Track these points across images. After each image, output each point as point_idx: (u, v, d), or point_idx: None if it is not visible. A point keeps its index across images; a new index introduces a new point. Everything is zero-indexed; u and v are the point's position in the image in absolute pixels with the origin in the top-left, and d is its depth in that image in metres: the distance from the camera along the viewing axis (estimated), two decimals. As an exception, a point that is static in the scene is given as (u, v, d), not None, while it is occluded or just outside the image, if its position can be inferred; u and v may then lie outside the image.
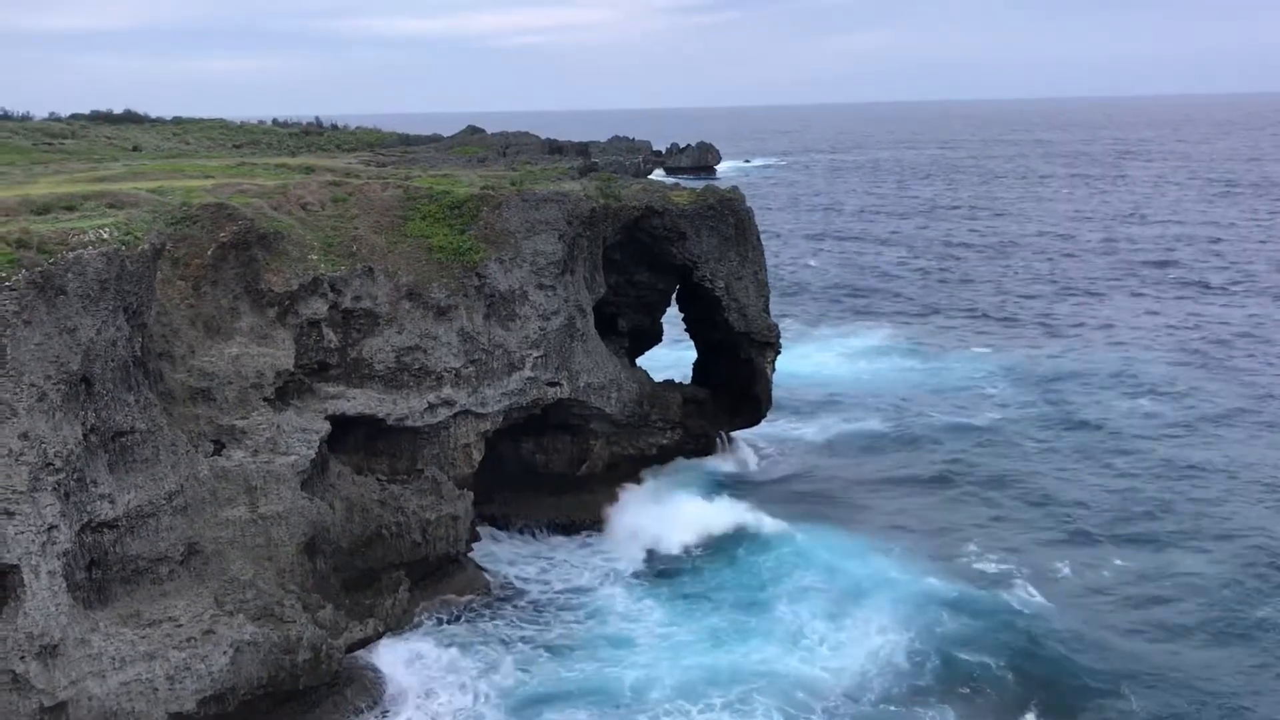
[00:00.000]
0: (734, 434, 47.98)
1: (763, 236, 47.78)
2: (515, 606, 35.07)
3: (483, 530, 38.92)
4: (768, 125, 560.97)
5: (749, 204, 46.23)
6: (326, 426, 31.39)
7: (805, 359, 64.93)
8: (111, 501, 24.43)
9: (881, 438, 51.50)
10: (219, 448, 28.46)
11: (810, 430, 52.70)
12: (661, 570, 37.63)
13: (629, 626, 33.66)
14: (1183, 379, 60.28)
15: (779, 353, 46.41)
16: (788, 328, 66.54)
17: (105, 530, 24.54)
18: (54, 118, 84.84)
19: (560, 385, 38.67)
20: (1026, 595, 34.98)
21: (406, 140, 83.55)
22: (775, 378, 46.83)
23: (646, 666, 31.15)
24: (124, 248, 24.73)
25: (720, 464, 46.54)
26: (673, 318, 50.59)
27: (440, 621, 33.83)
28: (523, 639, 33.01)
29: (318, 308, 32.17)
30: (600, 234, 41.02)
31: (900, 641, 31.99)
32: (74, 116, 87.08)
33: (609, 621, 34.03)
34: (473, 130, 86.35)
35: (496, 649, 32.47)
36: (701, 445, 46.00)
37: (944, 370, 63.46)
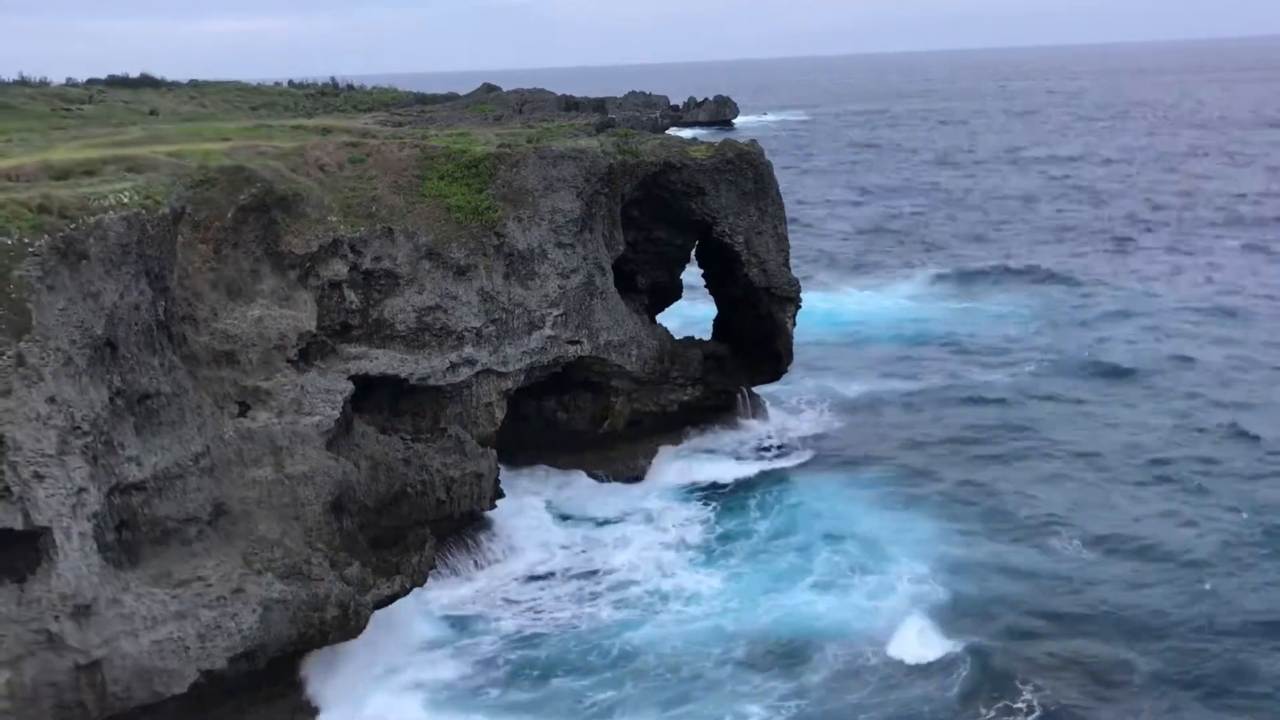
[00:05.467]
0: (756, 389, 48.00)
1: (783, 189, 47.51)
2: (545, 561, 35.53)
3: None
4: (786, 78, 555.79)
5: (768, 157, 45.93)
6: (350, 387, 31.56)
7: (832, 311, 64.83)
8: (139, 464, 24.68)
9: (912, 391, 51.39)
10: (244, 409, 28.67)
11: (836, 383, 52.67)
12: (684, 524, 37.89)
13: (646, 582, 34.01)
14: (1223, 329, 59.69)
15: (800, 307, 46.28)
16: (814, 280, 66.43)
17: (134, 492, 24.80)
18: (71, 83, 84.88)
19: (581, 343, 38.73)
20: (1060, 553, 34.86)
21: (422, 99, 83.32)
22: (803, 329, 46.68)
23: (668, 625, 31.47)
24: (144, 212, 24.81)
25: (742, 418, 46.68)
26: (693, 274, 50.52)
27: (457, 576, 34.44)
28: (544, 597, 33.47)
29: (338, 269, 32.25)
30: (618, 191, 40.84)
31: (924, 596, 32.12)
32: (91, 81, 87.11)
33: (637, 576, 34.39)
34: (488, 88, 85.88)
35: (518, 607, 32.99)
36: (723, 401, 46.05)
37: (978, 321, 63.19)
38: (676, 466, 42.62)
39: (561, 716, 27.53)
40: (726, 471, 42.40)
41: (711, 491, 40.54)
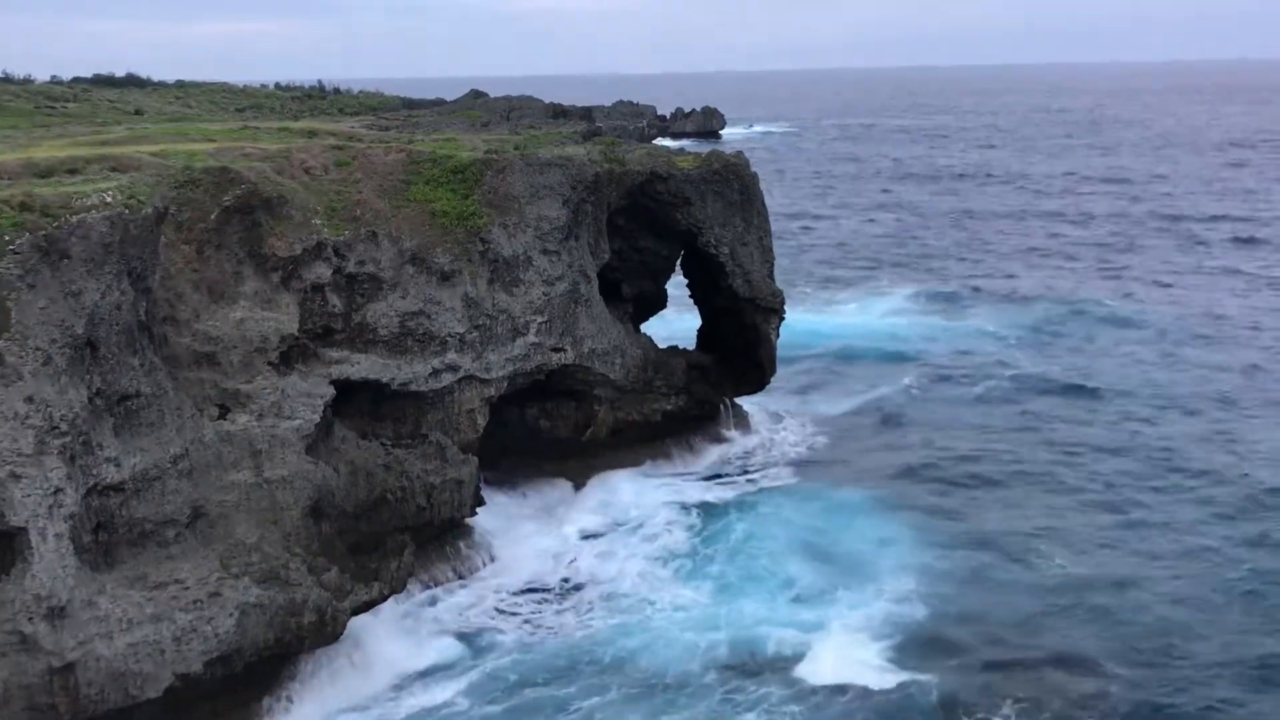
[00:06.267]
0: (739, 400, 48.03)
1: (769, 202, 47.63)
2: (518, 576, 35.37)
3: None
4: (773, 91, 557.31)
5: (754, 169, 46.06)
6: (331, 391, 31.43)
7: (817, 323, 64.99)
8: (117, 465, 24.51)
9: (892, 406, 51.44)
10: (224, 412, 28.51)
11: (817, 396, 52.82)
12: (667, 535, 37.81)
13: (632, 593, 33.94)
14: (1202, 351, 60.00)
15: (783, 319, 46.41)
16: (796, 294, 66.54)
17: (111, 493, 24.63)
18: (56, 81, 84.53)
19: (564, 351, 38.68)
20: (1040, 572, 34.86)
21: (409, 104, 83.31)
22: (785, 343, 46.71)
23: (652, 635, 31.41)
24: (127, 211, 24.66)
25: (725, 429, 46.68)
26: (677, 284, 50.56)
27: (438, 585, 34.26)
28: (527, 608, 33.40)
29: (321, 272, 32.11)
30: (604, 199, 40.86)
31: (906, 612, 32.15)
32: (76, 80, 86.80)
33: (621, 587, 34.31)
34: (476, 94, 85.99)
35: (499, 617, 32.88)
36: (706, 412, 46.07)
37: (958, 338, 63.33)
38: (659, 477, 42.55)
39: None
40: (709, 482, 42.37)
41: (694, 502, 40.42)
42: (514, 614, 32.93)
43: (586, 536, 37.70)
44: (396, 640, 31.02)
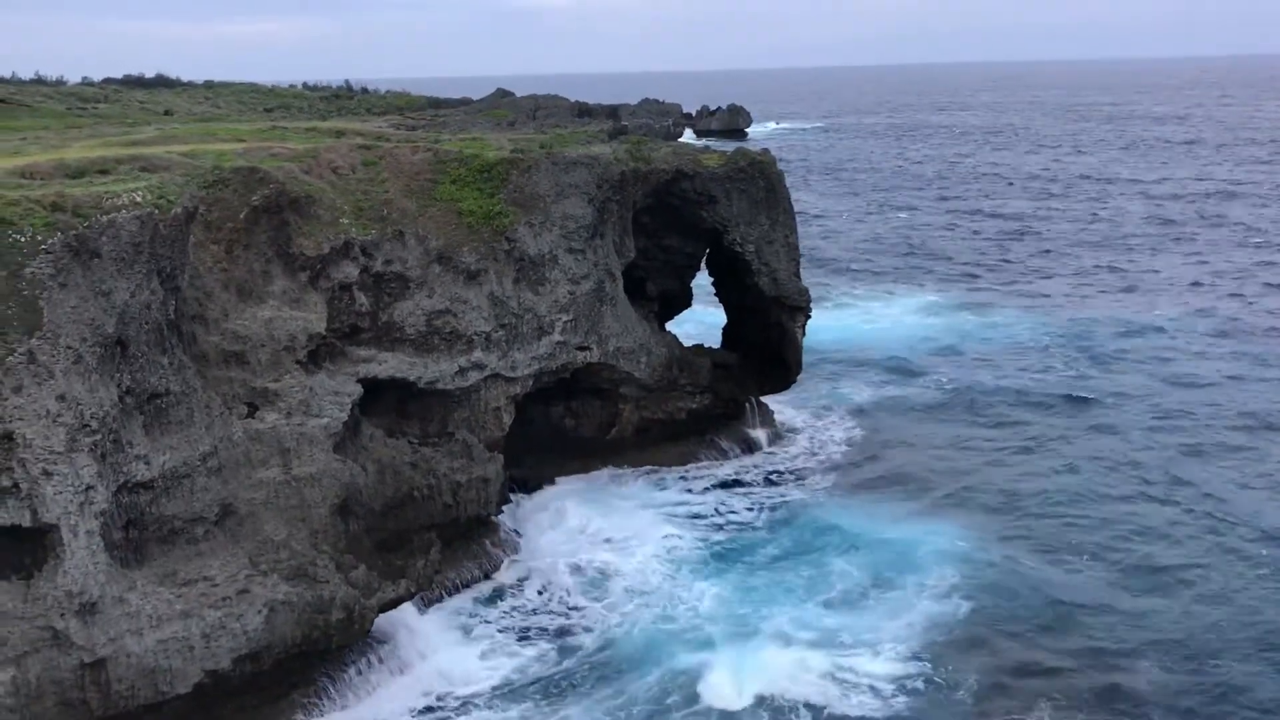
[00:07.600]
0: (765, 399, 47.89)
1: (795, 200, 47.45)
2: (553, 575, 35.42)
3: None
4: (799, 88, 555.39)
5: (780, 167, 45.92)
6: (358, 389, 31.58)
7: (844, 323, 64.73)
8: (147, 462, 24.71)
9: (918, 403, 51.18)
10: (252, 410, 28.69)
11: (844, 394, 52.56)
12: (692, 534, 37.75)
13: (658, 592, 33.88)
14: (1227, 350, 59.41)
15: (809, 317, 46.25)
16: (821, 291, 66.37)
17: (141, 491, 24.83)
18: (87, 82, 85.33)
19: (590, 349, 38.71)
20: (1079, 572, 34.53)
21: (436, 104, 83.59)
22: (811, 340, 46.52)
23: (676, 637, 31.34)
24: (157, 211, 24.88)
25: (750, 429, 46.56)
26: (702, 282, 50.47)
27: (467, 587, 34.35)
28: (550, 608, 33.42)
29: (349, 271, 32.29)
30: (630, 197, 40.86)
31: (941, 611, 31.92)
32: (107, 81, 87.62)
33: (646, 586, 34.22)
34: (502, 94, 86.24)
35: (536, 613, 32.96)
36: (731, 410, 45.98)
37: (987, 337, 62.93)
38: (684, 476, 42.49)
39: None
40: (734, 483, 42.24)
41: (719, 503, 40.33)
42: (538, 613, 32.89)
43: (610, 536, 37.60)
44: (438, 640, 31.14)
